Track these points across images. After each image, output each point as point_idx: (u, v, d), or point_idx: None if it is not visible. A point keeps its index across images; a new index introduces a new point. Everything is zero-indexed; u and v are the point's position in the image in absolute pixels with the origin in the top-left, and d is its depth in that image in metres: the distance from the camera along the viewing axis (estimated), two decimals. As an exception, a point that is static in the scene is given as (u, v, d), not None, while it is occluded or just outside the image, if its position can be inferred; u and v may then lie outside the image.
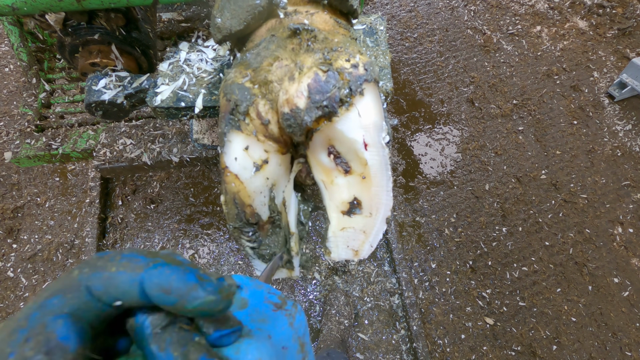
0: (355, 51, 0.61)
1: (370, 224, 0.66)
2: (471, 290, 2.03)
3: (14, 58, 2.66)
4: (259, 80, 0.63)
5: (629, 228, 2.21)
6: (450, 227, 2.20)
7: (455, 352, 1.88)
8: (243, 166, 0.64)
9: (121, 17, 1.17)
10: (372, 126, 0.59)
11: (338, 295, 1.77)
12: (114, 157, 1.56)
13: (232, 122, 0.63)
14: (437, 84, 2.70)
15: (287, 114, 0.58)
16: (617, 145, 2.48)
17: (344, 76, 0.58)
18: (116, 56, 1.18)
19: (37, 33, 1.54)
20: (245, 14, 0.66)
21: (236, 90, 0.63)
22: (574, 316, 1.97)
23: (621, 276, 2.08)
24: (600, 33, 2.95)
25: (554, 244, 2.16)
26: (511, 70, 2.76)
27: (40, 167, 2.30)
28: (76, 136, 1.56)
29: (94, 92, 1.06)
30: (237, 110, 0.62)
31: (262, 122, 0.62)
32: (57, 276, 2.00)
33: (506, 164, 2.40)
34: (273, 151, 0.65)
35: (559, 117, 2.59)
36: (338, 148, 0.63)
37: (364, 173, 0.63)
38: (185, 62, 1.03)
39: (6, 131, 2.38)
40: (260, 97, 0.62)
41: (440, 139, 2.49)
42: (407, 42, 2.89)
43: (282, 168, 0.69)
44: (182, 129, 1.61)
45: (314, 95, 0.57)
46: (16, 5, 0.95)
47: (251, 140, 0.63)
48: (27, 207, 2.20)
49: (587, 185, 2.34)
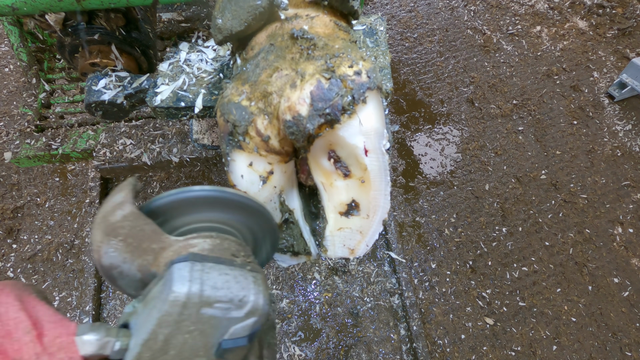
0: (358, 57, 0.61)
1: (367, 225, 0.67)
2: (471, 290, 2.03)
3: (14, 58, 2.66)
4: (257, 95, 0.63)
5: (629, 228, 2.21)
6: (450, 227, 2.20)
7: (455, 352, 1.88)
8: (250, 181, 0.66)
9: (121, 17, 1.17)
10: (374, 133, 0.59)
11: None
12: (114, 157, 1.56)
13: (233, 143, 0.64)
14: (437, 84, 2.70)
15: (290, 121, 0.58)
16: (617, 145, 2.48)
17: (347, 84, 0.58)
18: (116, 56, 1.18)
19: (37, 33, 1.54)
20: (246, 15, 0.66)
21: (233, 110, 0.63)
22: (574, 316, 1.98)
23: (621, 276, 2.08)
24: (600, 33, 2.95)
25: (554, 244, 2.16)
26: (511, 70, 2.76)
27: (40, 167, 2.30)
28: (76, 136, 1.56)
29: (94, 92, 1.06)
30: (236, 132, 0.63)
31: (262, 138, 0.63)
32: (57, 276, 2.00)
33: (506, 164, 2.40)
34: (276, 162, 0.66)
35: (559, 117, 2.59)
36: (339, 153, 0.64)
37: (363, 177, 0.63)
38: (185, 62, 1.02)
39: (6, 131, 2.38)
40: (258, 114, 0.62)
41: (440, 139, 2.49)
42: (407, 42, 2.89)
43: (287, 174, 0.70)
44: (182, 129, 1.61)
45: (316, 102, 0.57)
46: (16, 5, 0.95)
47: (254, 157, 0.65)
48: (27, 207, 2.20)
49: (587, 185, 2.34)
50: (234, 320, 0.49)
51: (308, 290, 2.00)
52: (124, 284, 0.56)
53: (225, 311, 0.48)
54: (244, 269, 0.53)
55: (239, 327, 0.49)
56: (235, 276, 0.51)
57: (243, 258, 0.57)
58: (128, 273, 0.55)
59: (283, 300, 1.96)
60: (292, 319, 1.92)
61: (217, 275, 0.49)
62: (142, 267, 0.54)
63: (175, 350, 0.47)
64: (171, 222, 0.60)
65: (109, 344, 0.46)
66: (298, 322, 1.91)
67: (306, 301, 1.97)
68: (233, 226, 0.63)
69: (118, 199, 0.54)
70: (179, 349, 0.47)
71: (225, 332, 0.49)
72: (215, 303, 0.47)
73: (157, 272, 0.55)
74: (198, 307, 0.47)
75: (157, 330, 0.45)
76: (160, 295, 0.48)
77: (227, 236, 0.60)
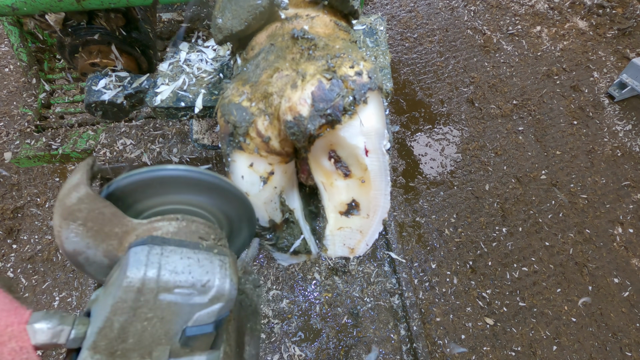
0: (359, 58, 0.61)
1: (367, 225, 0.67)
2: (471, 291, 2.02)
3: (14, 58, 2.66)
4: (257, 95, 0.63)
5: (629, 228, 2.21)
6: (450, 227, 2.20)
7: (455, 352, 1.88)
8: (250, 182, 0.66)
9: (121, 17, 1.17)
10: (374, 133, 0.59)
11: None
12: (114, 157, 1.56)
13: (233, 144, 0.64)
14: (437, 84, 2.70)
15: (291, 122, 0.58)
16: (617, 146, 2.48)
17: (348, 84, 0.58)
18: (116, 56, 1.18)
19: (37, 33, 1.54)
20: (247, 14, 0.66)
21: (234, 111, 0.63)
22: (574, 316, 1.97)
23: (621, 276, 2.08)
24: (600, 33, 2.95)
25: (554, 244, 2.16)
26: (511, 71, 2.76)
27: (40, 168, 2.30)
28: (76, 136, 1.56)
29: (94, 92, 1.06)
30: (237, 133, 0.63)
31: (262, 139, 0.63)
32: (57, 276, 2.00)
33: (506, 164, 2.40)
34: (277, 163, 0.66)
35: (559, 117, 2.59)
36: (339, 153, 0.64)
37: (364, 177, 0.63)
38: (185, 62, 1.02)
39: (6, 131, 2.38)
40: (259, 115, 0.62)
41: (440, 139, 2.49)
42: (407, 42, 2.89)
43: (287, 175, 0.70)
44: (182, 129, 1.61)
45: (317, 103, 0.57)
46: (16, 5, 0.95)
47: (254, 158, 0.64)
48: (27, 207, 2.20)
49: (587, 185, 2.34)
50: (198, 306, 0.47)
51: (308, 290, 2.00)
52: (92, 271, 0.54)
53: (187, 297, 0.46)
54: (211, 252, 0.50)
55: (204, 313, 0.47)
56: (199, 259, 0.48)
57: (213, 241, 0.54)
58: (94, 259, 0.52)
59: (283, 300, 1.96)
60: (292, 319, 1.92)
61: (178, 259, 0.47)
62: (108, 252, 0.52)
63: (134, 339, 0.45)
64: (141, 204, 0.56)
65: (63, 332, 0.44)
66: (298, 322, 1.91)
67: (306, 301, 1.97)
68: (206, 209, 0.59)
69: (73, 180, 0.51)
70: (138, 337, 0.45)
71: (189, 319, 0.47)
72: (175, 288, 0.45)
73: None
74: (155, 293, 0.44)
75: (112, 318, 0.43)
76: (116, 281, 0.45)
77: (196, 218, 0.56)
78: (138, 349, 0.45)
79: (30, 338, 0.42)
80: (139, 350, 0.45)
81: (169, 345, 0.46)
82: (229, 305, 0.49)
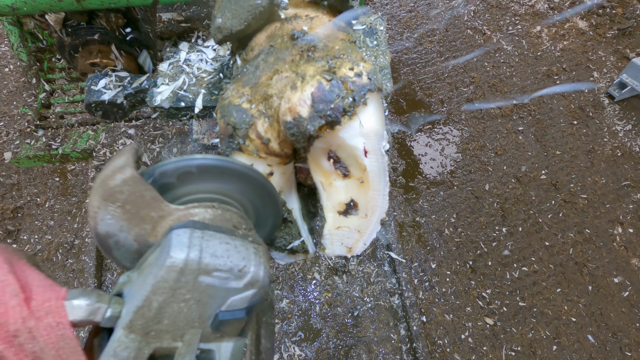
0: (359, 59, 0.61)
1: (365, 225, 0.67)
2: (471, 290, 2.03)
3: (14, 58, 2.66)
4: (257, 97, 0.63)
5: (629, 228, 2.21)
6: (450, 227, 2.20)
7: (455, 352, 1.88)
8: None
9: (121, 17, 1.17)
10: (374, 135, 0.59)
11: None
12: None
13: (233, 145, 0.64)
14: (437, 84, 2.70)
15: (290, 123, 0.59)
16: (617, 145, 2.48)
17: (348, 85, 0.58)
18: (116, 56, 1.18)
19: (37, 33, 1.54)
20: (247, 14, 0.66)
21: (234, 113, 0.63)
22: (574, 316, 1.97)
23: (621, 276, 2.08)
24: (600, 33, 2.95)
25: (554, 244, 2.16)
26: (511, 70, 2.76)
27: (40, 167, 2.30)
28: (76, 136, 1.56)
29: (94, 92, 1.06)
30: (237, 134, 0.63)
31: (262, 141, 0.63)
32: (57, 276, 2.00)
33: (506, 164, 2.40)
34: (275, 164, 0.66)
35: (559, 117, 2.59)
36: (338, 153, 0.64)
37: (362, 177, 0.63)
38: (185, 62, 1.03)
39: (6, 131, 2.38)
40: (259, 117, 0.62)
41: (440, 139, 2.49)
42: (407, 42, 2.89)
43: (286, 176, 0.70)
44: (182, 129, 1.61)
45: (317, 104, 0.57)
46: (16, 5, 0.95)
47: (253, 159, 0.65)
48: (27, 207, 2.20)
49: (587, 185, 2.34)
50: (233, 291, 0.47)
51: (308, 290, 2.00)
52: (119, 255, 0.54)
53: (224, 281, 0.46)
54: (246, 239, 0.51)
55: (237, 298, 0.48)
56: (236, 246, 0.49)
57: (245, 230, 0.55)
58: (124, 243, 0.53)
59: (283, 300, 1.96)
60: (292, 319, 1.92)
61: (218, 243, 0.47)
62: (139, 236, 0.52)
63: (169, 320, 0.45)
64: (173, 191, 0.57)
65: (100, 310, 0.44)
66: (298, 322, 1.91)
67: (306, 301, 1.97)
68: (236, 199, 0.60)
69: (119, 162, 0.51)
70: (173, 319, 0.45)
71: (223, 304, 0.47)
72: (214, 272, 0.45)
73: (154, 243, 0.53)
74: (196, 275, 0.45)
75: (152, 297, 0.43)
76: (157, 262, 0.46)
77: (230, 207, 0.58)
78: (172, 331, 0.46)
79: (67, 314, 0.42)
80: (172, 332, 0.46)
81: (201, 329, 0.47)
82: (261, 292, 0.49)
